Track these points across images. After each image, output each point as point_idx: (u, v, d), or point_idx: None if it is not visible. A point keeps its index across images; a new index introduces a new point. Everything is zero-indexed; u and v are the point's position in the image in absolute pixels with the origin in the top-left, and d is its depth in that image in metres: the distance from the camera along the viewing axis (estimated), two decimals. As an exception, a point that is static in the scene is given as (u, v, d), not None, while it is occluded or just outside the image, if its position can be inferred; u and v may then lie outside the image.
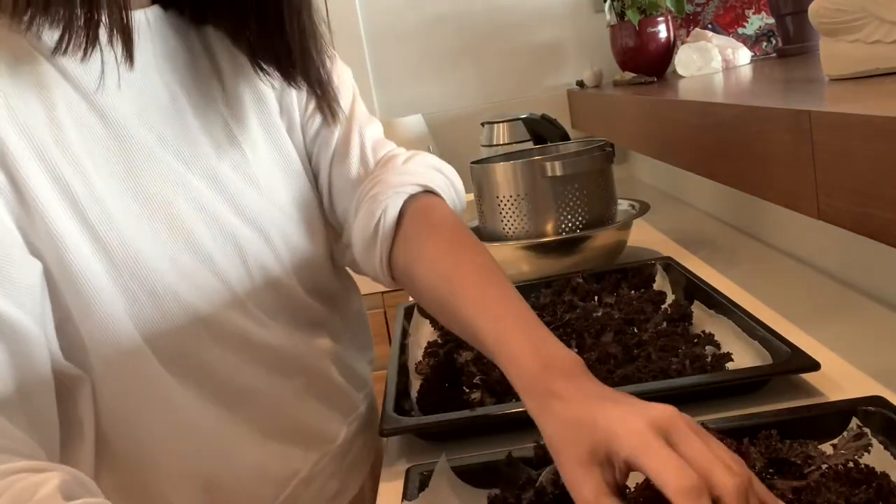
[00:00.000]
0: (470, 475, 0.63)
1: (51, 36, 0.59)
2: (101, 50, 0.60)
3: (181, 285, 0.65)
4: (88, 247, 0.60)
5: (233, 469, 0.69)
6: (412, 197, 0.74)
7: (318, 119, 0.81)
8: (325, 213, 0.82)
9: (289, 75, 0.75)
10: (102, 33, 0.59)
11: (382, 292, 1.74)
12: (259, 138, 0.75)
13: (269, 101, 0.78)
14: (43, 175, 0.58)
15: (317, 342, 0.80)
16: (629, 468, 0.47)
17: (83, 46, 0.58)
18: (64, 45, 0.58)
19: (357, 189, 0.78)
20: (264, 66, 0.75)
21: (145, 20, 0.69)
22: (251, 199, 0.72)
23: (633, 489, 0.56)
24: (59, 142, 0.60)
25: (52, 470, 0.50)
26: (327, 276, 0.82)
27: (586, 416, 0.49)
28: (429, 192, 0.76)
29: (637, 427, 0.46)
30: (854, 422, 0.60)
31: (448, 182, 0.79)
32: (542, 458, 0.60)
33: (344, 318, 0.85)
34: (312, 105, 0.80)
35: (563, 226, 1.18)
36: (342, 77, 0.84)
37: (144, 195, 0.64)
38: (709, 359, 0.77)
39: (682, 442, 0.45)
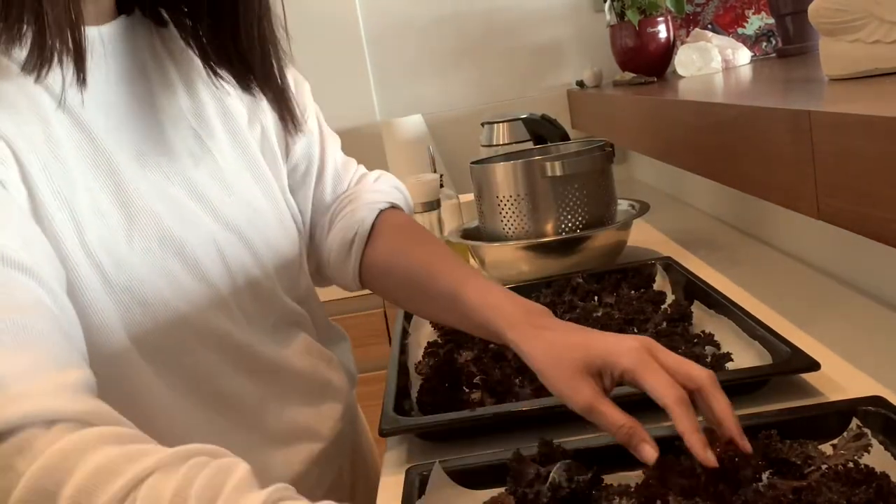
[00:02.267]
0: (470, 476, 0.63)
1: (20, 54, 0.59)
2: (61, 67, 0.59)
3: (170, 293, 0.66)
4: (85, 263, 0.61)
5: None
6: (382, 211, 0.84)
7: (294, 139, 0.84)
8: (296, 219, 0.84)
9: (243, 80, 0.76)
10: (56, 51, 0.58)
11: (383, 292, 1.74)
12: (226, 145, 0.76)
13: (234, 107, 0.78)
14: (50, 194, 0.59)
15: (297, 342, 0.81)
16: (622, 380, 0.59)
17: (37, 66, 0.58)
18: (33, 63, 0.58)
19: (330, 206, 0.87)
20: (217, 70, 0.75)
21: (111, 34, 0.69)
22: (228, 205, 0.73)
23: (633, 488, 0.56)
24: (57, 158, 0.60)
25: (226, 455, 0.47)
26: (303, 277, 0.84)
27: (576, 339, 0.61)
28: (394, 207, 0.87)
29: (634, 346, 0.59)
30: (854, 422, 0.60)
31: (405, 199, 0.90)
32: (548, 455, 0.60)
33: (314, 317, 0.86)
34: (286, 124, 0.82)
35: (563, 226, 1.18)
36: (302, 92, 0.86)
37: (133, 210, 0.65)
38: (709, 359, 0.77)
39: (663, 356, 0.58)
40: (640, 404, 0.74)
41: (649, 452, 0.56)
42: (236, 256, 0.72)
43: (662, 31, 1.74)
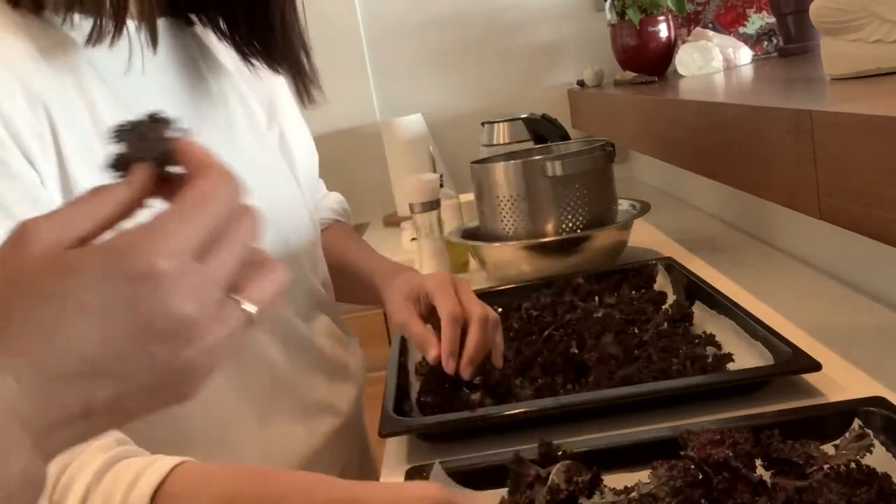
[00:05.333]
0: (470, 476, 0.63)
1: (81, 28, 0.62)
2: (129, 37, 0.64)
3: None
4: None
5: (245, 449, 0.71)
6: (328, 226, 1.01)
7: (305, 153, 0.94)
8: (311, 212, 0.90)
9: (272, 62, 0.82)
10: (129, 21, 0.63)
11: (383, 292, 1.74)
12: (250, 135, 0.81)
13: (254, 108, 0.84)
14: (93, 174, 0.60)
15: (321, 323, 0.85)
16: (430, 303, 0.80)
17: (111, 33, 0.61)
18: (95, 35, 0.61)
19: None
20: (250, 59, 0.82)
21: (161, 26, 0.72)
22: (261, 190, 0.75)
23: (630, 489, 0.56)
24: (103, 139, 0.61)
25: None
26: (322, 265, 0.89)
27: (413, 278, 0.84)
28: (337, 221, 1.04)
29: (440, 279, 0.81)
30: (856, 422, 0.60)
31: (346, 211, 1.07)
32: (548, 456, 0.60)
33: (331, 308, 0.90)
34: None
35: (564, 226, 1.17)
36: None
37: None
38: (710, 359, 0.76)
39: (463, 293, 0.79)
40: (634, 406, 0.74)
41: (432, 354, 0.76)
42: (271, 238, 0.76)
43: (663, 31, 1.74)
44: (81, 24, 0.62)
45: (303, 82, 0.83)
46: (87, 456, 0.48)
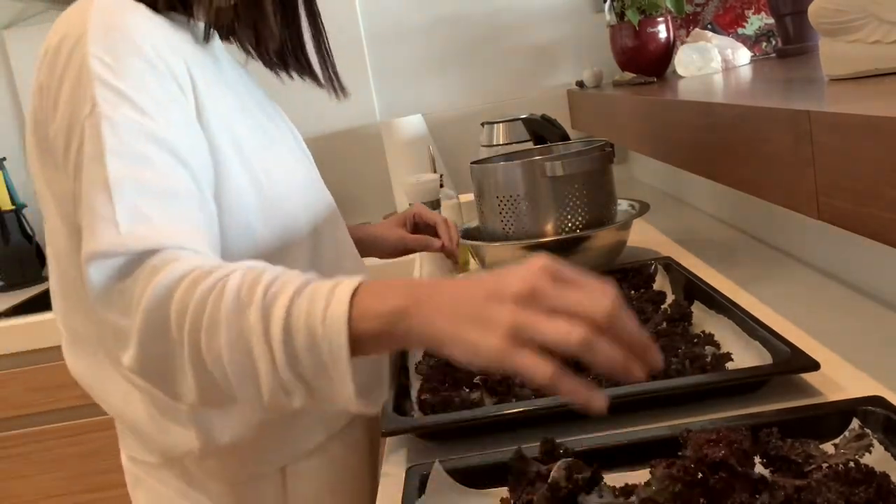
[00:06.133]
0: (470, 475, 0.63)
1: (199, 27, 0.82)
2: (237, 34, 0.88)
3: (289, 193, 0.85)
4: (241, 170, 0.78)
5: None
6: None
7: None
8: None
9: (303, 73, 0.97)
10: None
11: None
12: (286, 130, 0.95)
13: (274, 102, 0.97)
14: (214, 117, 0.76)
15: (347, 273, 0.93)
16: (415, 222, 1.20)
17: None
18: (208, 33, 0.82)
19: None
20: (280, 72, 0.96)
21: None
22: (297, 163, 0.92)
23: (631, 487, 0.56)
24: (211, 94, 0.77)
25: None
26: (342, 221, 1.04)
27: (394, 216, 1.19)
28: None
29: (420, 207, 1.23)
30: (855, 422, 0.60)
31: None
32: (550, 453, 0.60)
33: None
34: None
35: (563, 226, 1.18)
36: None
37: (269, 137, 0.86)
38: (709, 359, 0.77)
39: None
40: (633, 405, 0.74)
41: (436, 245, 1.17)
42: (304, 197, 0.90)
43: (662, 32, 1.74)
44: (199, 25, 0.82)
45: (333, 83, 0.98)
46: (287, 278, 0.59)
